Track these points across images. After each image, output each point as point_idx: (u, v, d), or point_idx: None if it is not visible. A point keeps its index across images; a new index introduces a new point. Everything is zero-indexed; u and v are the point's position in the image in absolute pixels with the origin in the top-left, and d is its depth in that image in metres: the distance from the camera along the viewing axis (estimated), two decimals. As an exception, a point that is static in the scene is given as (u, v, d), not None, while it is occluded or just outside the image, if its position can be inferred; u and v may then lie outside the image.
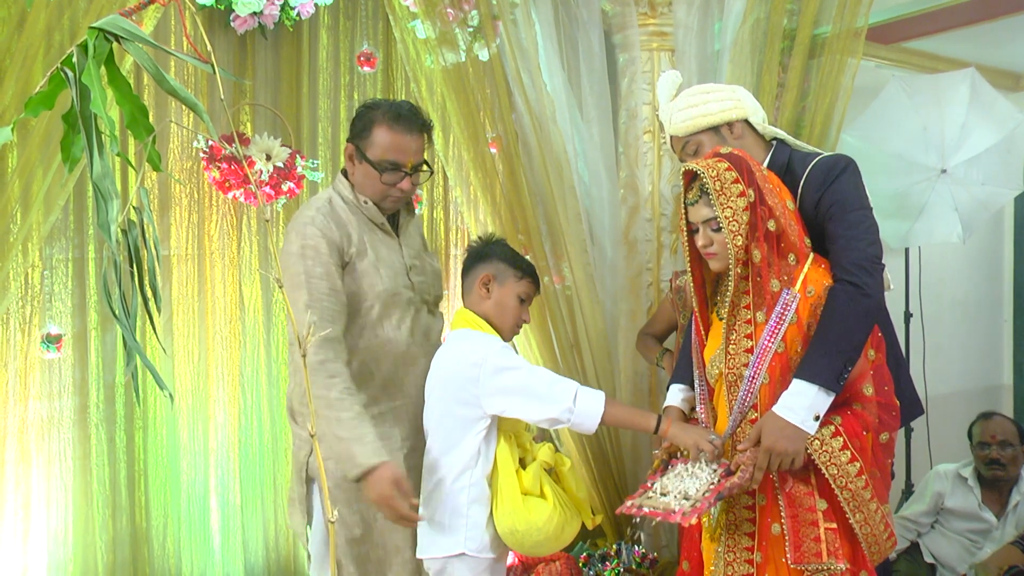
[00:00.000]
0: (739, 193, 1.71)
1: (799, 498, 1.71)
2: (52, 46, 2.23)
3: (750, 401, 1.75)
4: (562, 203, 3.04)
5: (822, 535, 1.67)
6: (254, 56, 2.78)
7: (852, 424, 1.70)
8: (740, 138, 2.00)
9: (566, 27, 3.14)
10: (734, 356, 1.77)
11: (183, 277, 2.71)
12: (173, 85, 1.16)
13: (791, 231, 1.76)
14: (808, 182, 1.88)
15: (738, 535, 1.78)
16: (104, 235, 1.09)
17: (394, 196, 2.02)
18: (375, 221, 2.03)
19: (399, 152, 1.98)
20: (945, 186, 3.28)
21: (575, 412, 1.90)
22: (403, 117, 2.00)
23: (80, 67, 1.10)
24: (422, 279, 2.12)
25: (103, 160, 1.12)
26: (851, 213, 1.82)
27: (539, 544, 1.96)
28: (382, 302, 1.98)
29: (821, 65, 2.99)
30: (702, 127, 2.00)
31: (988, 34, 3.70)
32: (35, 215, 2.31)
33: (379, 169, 1.98)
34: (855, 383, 1.73)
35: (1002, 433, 2.98)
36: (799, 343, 1.73)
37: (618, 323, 3.23)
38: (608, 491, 3.15)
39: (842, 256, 1.79)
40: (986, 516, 2.99)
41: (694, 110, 2.01)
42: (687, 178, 1.80)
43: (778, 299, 1.72)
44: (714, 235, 1.75)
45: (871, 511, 1.70)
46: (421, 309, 2.10)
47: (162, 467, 2.66)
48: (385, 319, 2.00)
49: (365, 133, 2.01)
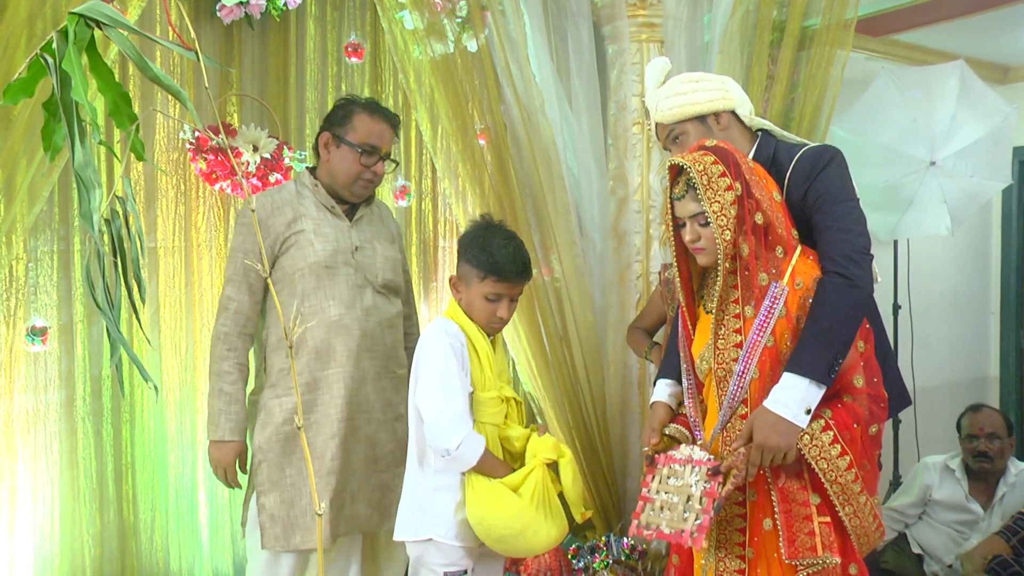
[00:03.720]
0: (727, 187, 1.69)
1: (792, 493, 1.70)
2: (34, 34, 2.20)
3: (740, 396, 1.74)
4: (551, 195, 3.03)
5: (816, 529, 1.67)
6: (241, 46, 2.76)
7: (842, 417, 1.69)
8: (726, 129, 1.99)
9: (555, 18, 3.13)
10: (723, 351, 1.76)
11: (170, 269, 2.69)
12: (156, 72, 1.14)
13: (778, 223, 1.75)
14: (795, 173, 1.87)
15: (730, 531, 1.77)
16: (87, 225, 1.08)
17: (366, 178, 2.20)
18: (325, 204, 2.21)
19: (377, 137, 2.19)
20: (934, 178, 3.29)
21: (451, 455, 1.90)
22: (380, 109, 2.23)
23: (60, 53, 1.08)
24: (368, 261, 2.22)
25: (85, 149, 1.10)
26: (838, 205, 1.81)
27: (504, 539, 1.93)
28: (316, 274, 2.14)
29: (810, 57, 2.99)
30: (689, 115, 1.99)
31: (977, 26, 3.71)
32: (19, 206, 2.29)
33: (360, 150, 2.16)
34: (845, 375, 1.72)
35: (991, 425, 3.00)
36: (788, 336, 1.71)
37: (607, 315, 3.23)
38: (597, 483, 3.16)
39: (831, 248, 1.78)
40: (973, 507, 3.01)
41: (682, 98, 1.99)
42: (673, 172, 1.78)
43: (766, 293, 1.71)
44: (702, 230, 1.73)
45: (860, 504, 1.70)
46: (365, 288, 2.21)
47: (149, 460, 2.64)
48: (319, 289, 2.14)
49: (345, 121, 2.19)
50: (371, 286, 2.22)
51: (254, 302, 2.18)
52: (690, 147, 1.89)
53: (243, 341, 2.17)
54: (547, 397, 3.06)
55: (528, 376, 3.08)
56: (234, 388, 2.15)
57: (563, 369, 3.06)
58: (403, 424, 2.21)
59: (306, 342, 2.14)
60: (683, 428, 1.88)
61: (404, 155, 3.12)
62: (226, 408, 2.13)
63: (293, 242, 2.15)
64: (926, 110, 3.28)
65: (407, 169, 3.13)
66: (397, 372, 2.27)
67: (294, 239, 2.15)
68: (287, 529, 2.13)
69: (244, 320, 2.17)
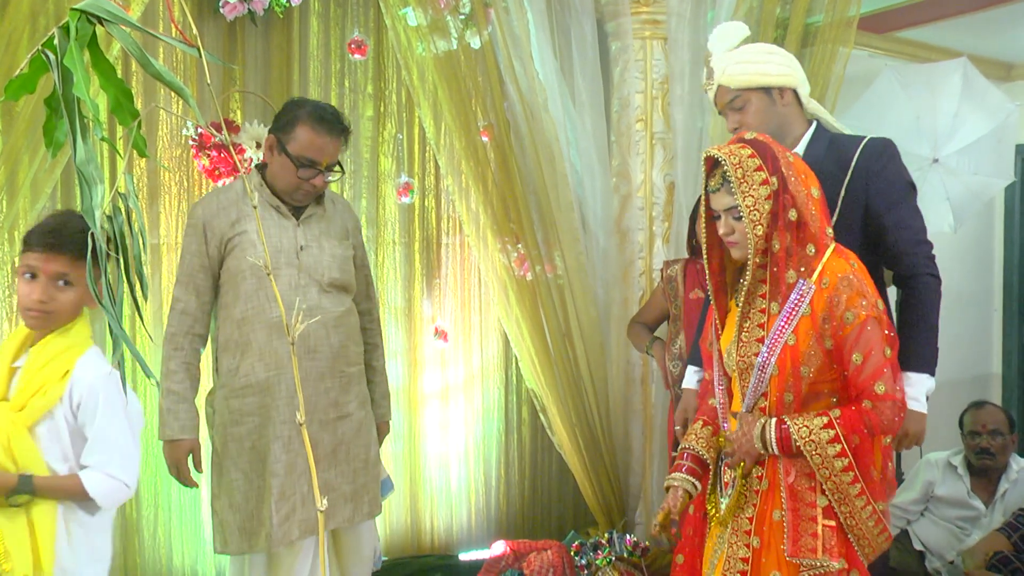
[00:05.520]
0: (761, 181, 1.67)
1: (801, 492, 1.69)
2: (37, 30, 2.21)
3: (760, 390, 1.74)
4: (554, 192, 3.03)
5: (819, 531, 1.67)
6: (244, 43, 2.76)
7: (851, 419, 1.67)
8: (787, 106, 2.00)
9: (558, 15, 3.13)
10: (746, 344, 1.75)
11: (172, 266, 2.69)
12: (158, 68, 1.14)
13: (812, 221, 1.72)
14: (860, 163, 1.93)
15: (741, 519, 1.77)
16: (88, 220, 1.07)
17: (305, 190, 2.15)
18: (271, 204, 2.17)
19: (317, 151, 2.12)
20: (937, 175, 3.28)
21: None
22: (325, 120, 2.14)
23: (62, 49, 1.08)
24: (314, 261, 2.18)
25: (87, 145, 1.10)
26: (905, 204, 1.93)
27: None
28: (256, 275, 2.12)
29: (813, 54, 2.99)
30: (758, 84, 1.99)
31: (980, 24, 3.70)
32: (22, 202, 2.30)
33: (297, 164, 2.11)
34: (868, 380, 1.69)
35: (993, 422, 3.00)
36: (812, 336, 1.68)
37: (610, 312, 3.23)
38: (600, 479, 3.16)
39: (915, 247, 1.93)
40: (975, 504, 3.01)
41: (754, 66, 1.99)
42: (708, 164, 1.75)
43: (793, 290, 1.70)
44: (735, 223, 1.71)
45: (857, 507, 1.69)
46: (309, 287, 2.16)
47: (151, 457, 2.65)
48: (260, 290, 2.13)
49: (288, 128, 2.13)
50: (316, 285, 2.17)
51: (201, 303, 2.15)
52: (750, 115, 1.95)
53: (190, 341, 2.15)
54: (550, 393, 3.06)
55: (531, 372, 3.08)
56: (181, 387, 2.13)
57: (566, 365, 3.06)
58: (346, 423, 2.21)
59: (250, 344, 2.12)
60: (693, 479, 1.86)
61: (407, 152, 3.12)
62: (174, 407, 2.12)
63: (236, 243, 2.13)
64: (929, 107, 3.27)
65: (410, 166, 3.13)
66: (346, 371, 2.23)
67: (237, 240, 2.13)
68: (242, 533, 2.12)
69: (191, 320, 2.15)
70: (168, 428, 2.12)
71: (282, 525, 2.10)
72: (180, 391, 2.13)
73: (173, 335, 2.14)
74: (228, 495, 2.13)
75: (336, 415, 2.20)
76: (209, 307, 2.18)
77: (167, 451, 2.14)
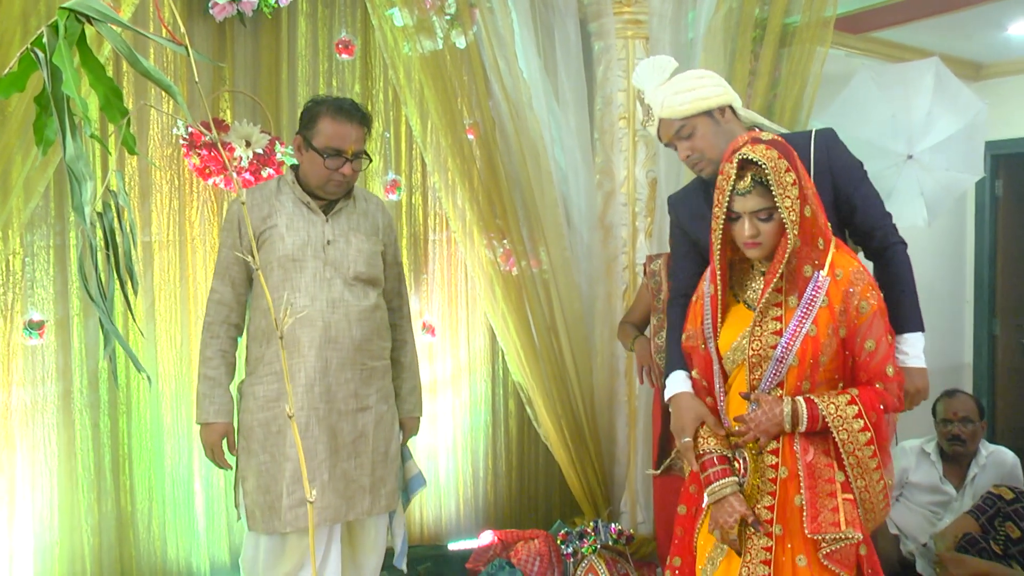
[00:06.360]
0: (792, 182, 1.70)
1: (819, 469, 1.73)
2: (28, 30, 2.22)
3: (775, 380, 1.76)
4: (539, 188, 3.09)
5: (840, 505, 1.70)
6: (233, 43, 2.79)
7: (870, 397, 1.74)
8: (730, 122, 2.05)
9: (542, 15, 3.18)
10: (759, 338, 1.77)
11: (164, 263, 2.72)
12: (146, 67, 1.15)
13: (819, 215, 1.77)
14: (818, 155, 2.00)
15: (759, 508, 1.78)
16: (79, 218, 1.09)
17: (336, 180, 2.23)
18: (301, 200, 2.27)
19: (341, 140, 2.20)
20: (911, 171, 3.36)
21: None
22: (344, 109, 2.23)
23: (51, 47, 1.09)
24: (340, 255, 2.26)
25: (76, 142, 1.11)
26: (864, 181, 2.04)
27: None
28: (284, 267, 2.21)
29: (791, 54, 3.06)
30: (700, 109, 2.03)
31: (951, 25, 3.80)
32: (15, 201, 2.32)
33: (323, 155, 2.19)
34: (880, 364, 1.76)
35: (964, 410, 3.10)
36: (830, 327, 1.73)
37: (594, 306, 3.29)
38: (586, 470, 3.23)
39: (882, 219, 2.05)
40: (947, 489, 3.11)
41: (691, 94, 2.03)
42: (737, 167, 1.74)
43: (809, 283, 1.74)
44: (761, 225, 1.73)
45: (873, 480, 1.75)
46: (334, 280, 2.24)
47: (146, 451, 2.68)
48: (286, 282, 2.21)
49: (311, 124, 2.23)
50: (341, 279, 2.24)
51: (236, 293, 2.27)
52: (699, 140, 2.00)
53: (225, 329, 2.27)
54: (536, 386, 3.12)
55: (517, 365, 3.14)
56: (216, 372, 2.24)
57: (551, 359, 3.12)
58: (366, 416, 2.26)
59: (275, 333, 2.22)
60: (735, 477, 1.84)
61: (394, 150, 3.16)
62: (209, 392, 2.23)
63: (267, 237, 2.23)
64: (903, 105, 3.35)
65: (397, 163, 3.17)
66: (368, 364, 2.28)
67: (268, 234, 2.23)
68: (265, 513, 2.20)
69: (227, 310, 2.26)
70: (203, 412, 2.23)
71: (292, 509, 2.16)
72: (215, 376, 2.23)
73: (210, 324, 2.26)
74: (255, 476, 2.21)
75: (356, 406, 2.26)
76: (244, 298, 2.30)
77: (203, 434, 2.25)
